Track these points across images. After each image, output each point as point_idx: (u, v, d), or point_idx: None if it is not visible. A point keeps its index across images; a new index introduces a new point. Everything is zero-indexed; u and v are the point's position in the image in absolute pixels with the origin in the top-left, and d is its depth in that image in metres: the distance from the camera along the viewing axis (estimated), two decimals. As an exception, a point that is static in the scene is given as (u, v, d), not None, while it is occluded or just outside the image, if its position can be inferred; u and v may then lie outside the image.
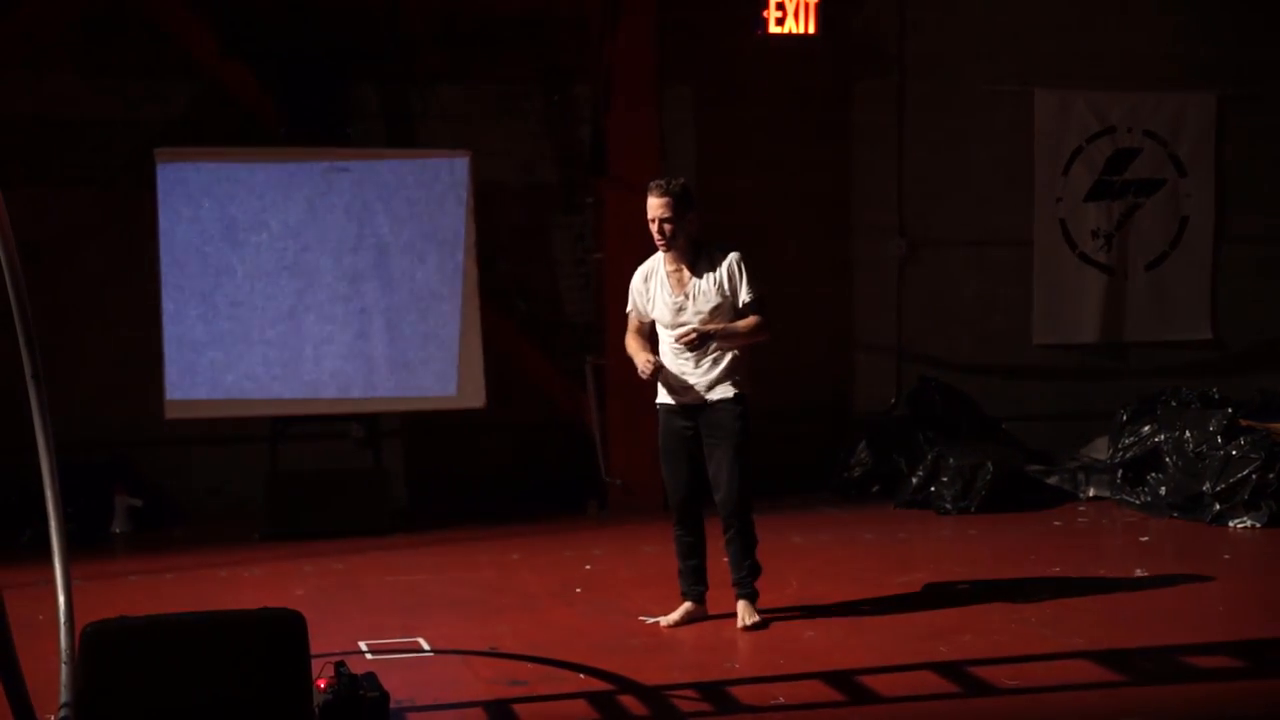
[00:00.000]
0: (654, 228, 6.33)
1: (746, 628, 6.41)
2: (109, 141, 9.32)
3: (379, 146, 9.51)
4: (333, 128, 9.17)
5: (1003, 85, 10.76)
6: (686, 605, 6.58)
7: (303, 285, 8.91)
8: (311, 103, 9.13)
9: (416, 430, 9.84)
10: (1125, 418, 9.66)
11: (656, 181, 6.35)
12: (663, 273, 6.45)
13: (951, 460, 9.46)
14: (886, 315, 10.70)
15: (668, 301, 6.40)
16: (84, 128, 9.31)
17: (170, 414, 8.80)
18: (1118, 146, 10.94)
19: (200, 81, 9.34)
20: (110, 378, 9.35)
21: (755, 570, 6.54)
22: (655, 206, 6.29)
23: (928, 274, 10.76)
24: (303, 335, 8.90)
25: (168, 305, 8.73)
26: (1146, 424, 9.47)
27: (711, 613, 6.60)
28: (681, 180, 6.39)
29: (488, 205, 9.43)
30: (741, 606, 6.51)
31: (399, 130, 9.80)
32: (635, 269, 6.60)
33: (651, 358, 6.36)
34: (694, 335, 6.27)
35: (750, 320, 6.34)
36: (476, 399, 9.14)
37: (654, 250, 6.51)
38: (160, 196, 8.70)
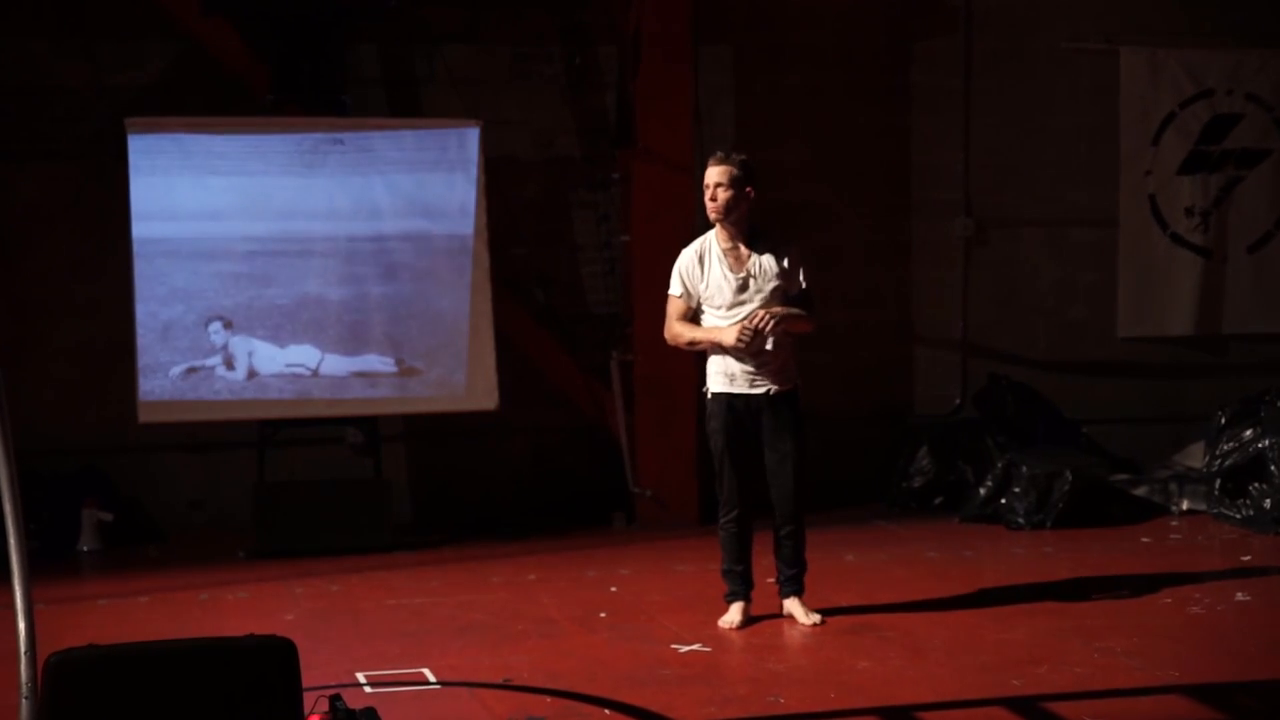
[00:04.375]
0: (707, 195, 6.75)
1: (816, 624, 6.87)
2: (76, 111, 9.35)
3: (378, 115, 9.53)
4: (327, 94, 9.18)
5: (1084, 43, 10.71)
6: (742, 604, 6.98)
7: (292, 272, 8.92)
8: (303, 66, 9.13)
9: (421, 435, 9.86)
10: (1224, 420, 9.61)
11: (718, 153, 6.84)
12: (717, 250, 6.81)
13: (1025, 469, 9.43)
14: (951, 305, 10.67)
15: (729, 279, 6.75)
16: (48, 95, 9.35)
17: (144, 417, 8.82)
18: (1216, 112, 10.88)
19: (178, 43, 9.37)
20: (78, 376, 9.40)
21: (805, 567, 7.06)
22: (712, 174, 6.74)
23: (997, 258, 10.72)
24: (293, 328, 8.92)
25: (141, 294, 8.75)
26: (1248, 428, 9.42)
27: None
28: (744, 156, 6.81)
29: (501, 181, 9.44)
30: (798, 605, 6.99)
31: (401, 97, 9.82)
32: (664, 253, 6.82)
33: (747, 325, 6.63)
34: (770, 319, 6.62)
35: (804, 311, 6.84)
36: (488, 400, 9.16)
37: (687, 232, 6.68)
38: (132, 171, 8.72)
